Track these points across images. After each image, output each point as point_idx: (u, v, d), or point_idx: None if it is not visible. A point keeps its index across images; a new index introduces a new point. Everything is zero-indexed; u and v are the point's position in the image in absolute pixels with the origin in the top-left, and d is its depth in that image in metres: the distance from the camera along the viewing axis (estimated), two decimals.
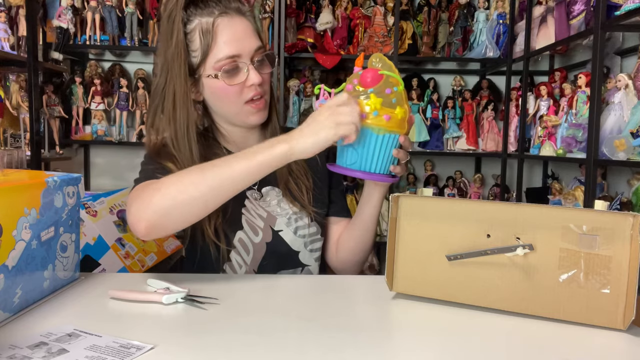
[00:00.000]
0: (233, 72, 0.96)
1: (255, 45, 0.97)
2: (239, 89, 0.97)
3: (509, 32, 2.64)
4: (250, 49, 0.96)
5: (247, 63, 0.96)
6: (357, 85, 0.82)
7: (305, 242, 1.04)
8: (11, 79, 2.30)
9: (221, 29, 0.95)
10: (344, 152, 0.85)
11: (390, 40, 2.68)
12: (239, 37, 0.96)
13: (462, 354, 0.61)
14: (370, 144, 0.82)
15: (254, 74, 0.96)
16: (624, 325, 0.68)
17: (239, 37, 0.96)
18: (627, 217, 0.67)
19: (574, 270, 0.70)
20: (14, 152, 1.02)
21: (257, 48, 0.97)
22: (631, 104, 1.80)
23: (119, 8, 2.65)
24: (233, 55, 0.95)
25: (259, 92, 0.98)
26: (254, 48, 0.97)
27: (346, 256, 1.07)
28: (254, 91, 0.97)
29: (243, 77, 0.96)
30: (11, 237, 0.65)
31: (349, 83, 0.84)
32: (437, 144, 2.81)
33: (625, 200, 1.98)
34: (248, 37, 0.97)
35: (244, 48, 0.96)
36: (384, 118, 0.80)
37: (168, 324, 0.68)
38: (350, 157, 0.84)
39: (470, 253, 0.75)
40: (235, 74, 0.96)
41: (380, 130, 0.81)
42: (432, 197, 0.78)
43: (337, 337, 0.65)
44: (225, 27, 0.95)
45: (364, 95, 0.81)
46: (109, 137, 2.76)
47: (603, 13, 1.78)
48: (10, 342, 0.59)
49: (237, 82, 0.96)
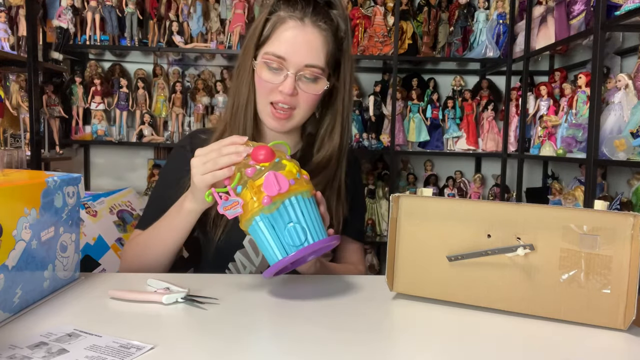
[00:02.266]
0: (273, 70, 0.96)
1: (307, 60, 0.95)
2: (271, 88, 0.97)
3: (509, 32, 2.64)
4: (300, 60, 0.95)
5: (290, 71, 0.95)
6: (257, 164, 0.77)
7: None
8: (11, 79, 2.30)
9: (286, 29, 0.95)
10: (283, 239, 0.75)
11: (390, 40, 2.68)
12: (295, 43, 0.95)
13: (463, 354, 0.61)
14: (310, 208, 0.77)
15: (289, 82, 0.95)
16: (625, 325, 0.67)
17: (295, 43, 0.95)
18: (627, 217, 0.67)
19: (574, 270, 0.70)
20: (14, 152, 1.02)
21: (308, 64, 0.95)
22: (631, 104, 1.80)
23: (119, 8, 2.66)
24: (279, 56, 0.95)
25: (286, 101, 0.97)
26: (304, 62, 0.95)
27: None
28: (280, 97, 0.97)
29: (278, 80, 0.96)
30: (11, 237, 0.65)
31: (244, 167, 0.78)
32: (437, 144, 2.82)
33: (625, 200, 1.98)
34: (305, 49, 0.95)
35: (292, 55, 0.95)
36: (304, 178, 0.79)
37: (168, 324, 0.68)
38: (295, 236, 0.75)
39: (471, 253, 0.75)
40: (274, 73, 0.96)
41: (306, 193, 0.77)
42: (432, 197, 0.78)
43: (338, 337, 0.65)
44: (290, 29, 0.95)
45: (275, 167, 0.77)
46: (109, 137, 2.76)
47: (603, 13, 1.78)
48: (10, 342, 0.59)
49: (271, 82, 0.96)
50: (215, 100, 2.79)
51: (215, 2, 2.72)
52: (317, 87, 0.98)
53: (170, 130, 2.80)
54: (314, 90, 0.98)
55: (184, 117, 2.80)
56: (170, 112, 2.78)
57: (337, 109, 1.04)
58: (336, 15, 0.99)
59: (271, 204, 0.73)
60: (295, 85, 0.96)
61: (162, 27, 2.72)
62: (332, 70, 1.01)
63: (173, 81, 2.82)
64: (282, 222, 0.74)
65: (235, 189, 0.77)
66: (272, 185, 0.73)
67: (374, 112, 2.79)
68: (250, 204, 0.75)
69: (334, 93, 1.04)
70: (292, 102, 0.98)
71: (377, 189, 2.89)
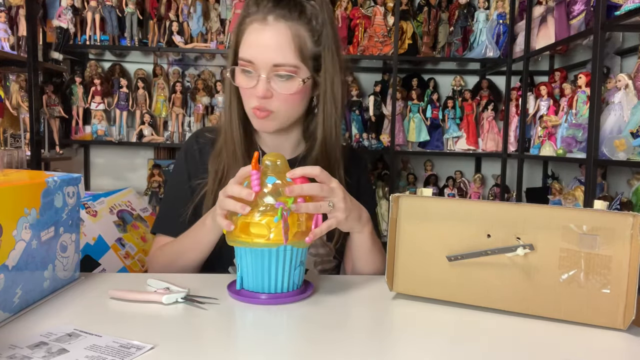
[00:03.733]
0: (247, 75, 0.95)
1: (274, 59, 0.92)
2: (249, 93, 0.96)
3: (509, 32, 2.64)
4: (266, 61, 0.92)
5: (261, 74, 0.93)
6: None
7: (315, 260, 1.04)
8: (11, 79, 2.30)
9: (250, 31, 0.94)
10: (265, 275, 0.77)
11: (390, 40, 2.68)
12: (259, 45, 0.93)
13: (463, 354, 0.61)
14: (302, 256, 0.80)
15: (261, 86, 0.93)
16: (624, 325, 0.68)
17: (259, 45, 0.93)
18: (627, 217, 0.67)
19: (574, 270, 0.70)
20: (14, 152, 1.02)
21: (276, 63, 0.92)
22: (631, 104, 1.80)
23: (119, 8, 2.65)
24: (248, 60, 0.94)
25: (261, 105, 0.95)
26: (271, 62, 0.92)
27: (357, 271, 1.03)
28: (256, 102, 0.95)
29: (252, 84, 0.94)
30: (11, 237, 0.65)
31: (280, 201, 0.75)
32: (437, 144, 2.81)
33: (625, 200, 1.98)
34: (270, 49, 0.92)
35: (258, 57, 0.93)
36: None
37: (168, 324, 0.68)
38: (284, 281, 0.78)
39: (471, 253, 0.75)
40: (248, 78, 0.95)
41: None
42: (432, 197, 0.78)
43: (337, 336, 0.65)
44: (254, 31, 0.93)
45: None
46: (109, 137, 2.76)
47: (603, 13, 1.78)
48: (10, 342, 0.59)
49: (247, 86, 0.95)
50: (215, 100, 2.79)
51: (215, 2, 2.72)
52: (291, 86, 0.95)
53: (170, 130, 2.79)
54: (287, 89, 0.95)
55: (184, 117, 2.80)
56: (170, 112, 2.78)
57: (319, 105, 1.01)
58: (307, 5, 0.95)
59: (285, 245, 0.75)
60: (267, 88, 0.94)
61: (162, 27, 2.72)
62: (312, 64, 0.97)
63: (173, 81, 2.82)
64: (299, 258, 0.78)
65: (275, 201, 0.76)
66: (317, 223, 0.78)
67: (374, 112, 2.79)
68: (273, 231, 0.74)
69: (316, 88, 1.00)
70: (269, 105, 0.95)
71: (377, 189, 2.89)
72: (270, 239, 0.73)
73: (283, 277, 0.77)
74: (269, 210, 0.74)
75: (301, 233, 0.76)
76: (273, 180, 0.76)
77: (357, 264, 0.99)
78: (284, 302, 0.77)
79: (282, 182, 0.76)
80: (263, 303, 0.76)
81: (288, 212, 0.74)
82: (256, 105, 0.95)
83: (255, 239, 0.74)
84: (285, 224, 0.73)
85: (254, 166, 0.76)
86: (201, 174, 1.04)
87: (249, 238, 0.75)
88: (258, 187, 0.75)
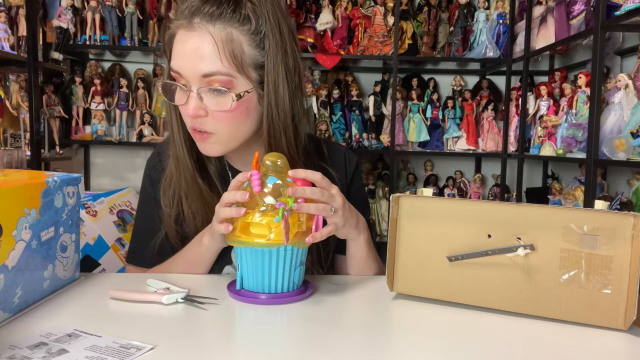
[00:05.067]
0: (181, 90, 0.82)
1: (201, 69, 0.78)
2: (184, 109, 0.83)
3: (509, 32, 2.64)
4: (193, 71, 0.79)
5: (192, 89, 0.80)
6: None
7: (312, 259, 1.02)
8: (11, 79, 2.30)
9: (177, 40, 0.81)
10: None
11: (390, 40, 2.68)
12: (184, 53, 0.79)
13: (463, 354, 0.61)
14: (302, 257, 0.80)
15: (191, 102, 0.80)
16: (625, 326, 0.67)
17: (184, 53, 0.79)
18: (628, 217, 0.67)
19: (575, 270, 0.70)
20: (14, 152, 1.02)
21: (205, 73, 0.78)
22: (631, 104, 1.80)
23: (119, 8, 2.66)
24: (175, 71, 0.81)
25: (195, 126, 0.83)
26: (199, 72, 0.78)
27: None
28: (190, 122, 0.83)
29: (183, 101, 0.82)
30: (11, 237, 0.65)
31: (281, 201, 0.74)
32: (437, 144, 2.82)
33: (625, 200, 1.98)
34: (194, 58, 0.78)
35: (185, 67, 0.79)
36: None
37: (168, 324, 0.68)
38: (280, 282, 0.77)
39: (471, 253, 0.75)
40: (181, 93, 0.83)
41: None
42: (432, 197, 0.78)
43: (337, 336, 0.65)
44: (180, 40, 0.81)
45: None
46: (109, 137, 2.76)
47: (603, 13, 1.78)
48: (10, 342, 0.59)
49: (180, 103, 0.83)
50: None
51: None
52: (224, 102, 0.80)
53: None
54: (219, 106, 0.80)
55: None
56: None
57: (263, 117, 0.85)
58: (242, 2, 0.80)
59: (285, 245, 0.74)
60: (199, 105, 0.80)
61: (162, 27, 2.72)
62: (257, 72, 0.83)
63: None
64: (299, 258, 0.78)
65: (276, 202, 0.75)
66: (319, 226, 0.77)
67: (374, 112, 2.79)
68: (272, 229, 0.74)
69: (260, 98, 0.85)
70: (204, 125, 0.82)
71: (377, 189, 2.89)
72: (271, 239, 0.73)
73: (283, 277, 0.77)
74: (270, 211, 0.74)
75: (302, 233, 0.76)
76: (274, 181, 0.76)
77: (351, 272, 0.95)
78: (284, 302, 0.76)
79: (282, 182, 0.76)
80: (263, 303, 0.76)
81: (289, 212, 0.74)
82: (190, 124, 0.84)
83: (256, 239, 0.74)
84: (286, 224, 0.73)
85: (255, 166, 0.76)
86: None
87: (249, 238, 0.75)
88: (259, 187, 0.75)
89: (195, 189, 0.92)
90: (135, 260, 1.01)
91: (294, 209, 0.74)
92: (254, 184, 0.75)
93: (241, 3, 0.81)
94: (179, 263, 0.92)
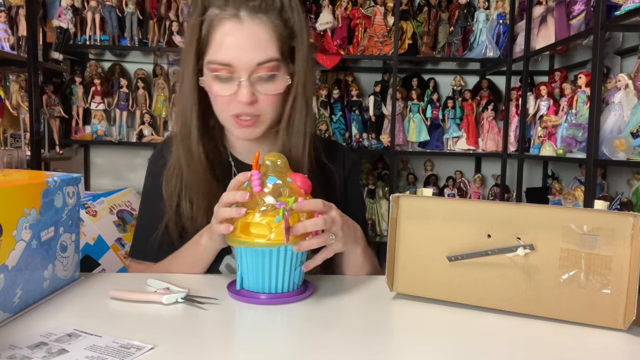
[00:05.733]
0: (224, 80, 0.86)
1: (257, 58, 0.84)
2: (228, 100, 0.87)
3: (509, 32, 2.64)
4: (248, 61, 0.84)
5: (242, 78, 0.85)
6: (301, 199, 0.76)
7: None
8: (11, 79, 2.30)
9: (224, 33, 0.84)
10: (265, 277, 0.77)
11: (390, 40, 2.68)
12: (238, 46, 0.84)
13: (463, 354, 0.61)
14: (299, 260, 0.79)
15: (245, 91, 0.85)
16: (625, 326, 0.67)
17: (238, 46, 0.84)
18: (627, 217, 0.67)
19: (574, 270, 0.70)
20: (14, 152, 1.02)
21: (260, 62, 0.84)
22: (631, 104, 1.80)
23: (119, 8, 2.66)
24: (225, 63, 0.85)
25: (247, 111, 0.87)
26: (254, 61, 0.84)
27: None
28: (240, 110, 0.87)
29: (232, 91, 0.86)
30: (11, 237, 0.65)
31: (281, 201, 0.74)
32: (437, 144, 2.82)
33: (625, 200, 1.98)
34: (251, 48, 0.84)
35: (239, 59, 0.84)
36: None
37: (168, 324, 0.68)
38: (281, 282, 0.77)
39: (471, 253, 0.75)
40: (225, 84, 0.87)
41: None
42: (432, 197, 0.78)
43: (337, 337, 0.65)
44: (229, 33, 0.84)
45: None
46: (109, 137, 2.76)
47: (603, 13, 1.78)
48: (10, 342, 0.59)
49: (225, 94, 0.87)
50: None
51: None
52: (277, 86, 0.88)
53: (170, 130, 2.80)
54: (273, 90, 0.88)
55: None
56: (171, 112, 2.78)
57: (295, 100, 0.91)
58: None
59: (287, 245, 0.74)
60: (252, 92, 0.86)
61: (162, 27, 2.72)
62: (290, 57, 0.90)
63: (173, 81, 2.82)
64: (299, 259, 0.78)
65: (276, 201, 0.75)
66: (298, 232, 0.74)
67: (374, 112, 2.79)
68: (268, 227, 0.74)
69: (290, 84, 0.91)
70: (255, 110, 0.88)
71: (377, 189, 2.89)
72: (271, 239, 0.73)
73: (283, 277, 0.77)
74: (270, 210, 0.74)
75: (302, 234, 0.76)
76: (274, 180, 0.76)
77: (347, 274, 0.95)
78: (284, 302, 0.76)
79: (282, 182, 0.76)
80: (263, 303, 0.76)
81: (289, 212, 0.74)
82: (238, 112, 0.88)
83: (256, 239, 0.74)
84: (286, 223, 0.73)
85: (255, 166, 0.76)
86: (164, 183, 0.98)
87: (249, 238, 0.75)
88: (259, 187, 0.75)
89: (204, 182, 0.93)
90: (139, 254, 1.01)
91: (295, 208, 0.75)
92: (254, 184, 0.75)
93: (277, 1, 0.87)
94: (178, 263, 0.92)
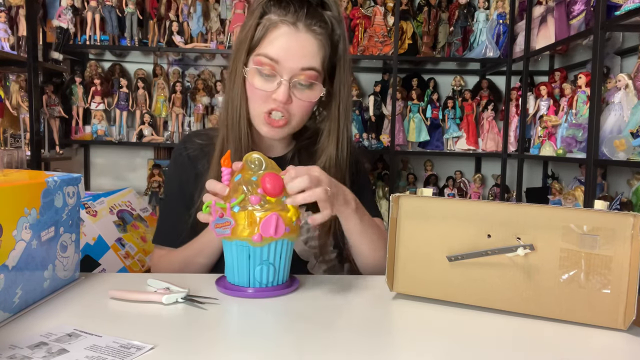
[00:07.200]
0: (265, 77, 0.92)
1: (301, 63, 0.91)
2: (265, 95, 0.93)
3: (509, 32, 2.64)
4: (294, 63, 0.91)
5: (284, 77, 0.91)
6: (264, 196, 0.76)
7: (316, 253, 1.04)
8: (11, 79, 2.31)
9: (279, 34, 0.91)
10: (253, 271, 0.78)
11: (390, 40, 2.68)
12: (289, 48, 0.91)
13: (463, 354, 0.61)
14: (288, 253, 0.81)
15: (283, 89, 0.91)
16: (625, 326, 0.67)
17: (289, 48, 0.91)
18: (627, 217, 0.67)
19: (574, 270, 0.70)
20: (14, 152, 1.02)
21: (303, 67, 0.91)
22: (631, 104, 1.81)
23: (119, 8, 2.66)
24: (272, 58, 0.91)
25: (281, 109, 0.93)
26: (299, 65, 0.91)
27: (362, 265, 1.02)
28: (274, 105, 0.93)
29: (272, 88, 0.92)
30: (11, 237, 0.65)
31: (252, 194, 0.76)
32: (437, 144, 2.82)
33: (625, 200, 1.98)
34: (299, 53, 0.91)
35: (286, 58, 0.90)
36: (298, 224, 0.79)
37: (168, 324, 0.68)
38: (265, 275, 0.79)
39: (471, 253, 0.75)
40: (266, 80, 0.93)
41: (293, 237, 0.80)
42: (432, 197, 0.78)
43: (337, 337, 0.65)
44: (284, 35, 0.91)
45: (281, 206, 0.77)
46: (109, 137, 2.76)
47: (603, 13, 1.78)
48: (10, 342, 0.59)
49: (264, 89, 0.93)
50: (215, 100, 2.79)
51: (215, 2, 2.72)
52: (313, 94, 0.95)
53: (170, 130, 2.80)
54: (308, 97, 0.94)
55: (184, 117, 2.81)
56: (170, 112, 2.78)
57: (333, 117, 0.99)
58: (330, 17, 0.95)
59: (260, 242, 0.75)
60: (289, 93, 0.92)
61: (162, 27, 2.72)
62: (327, 75, 0.98)
63: (173, 81, 2.82)
64: (259, 257, 0.78)
65: (232, 208, 0.76)
66: (270, 228, 0.75)
67: (374, 112, 2.79)
68: (239, 230, 0.76)
69: (329, 99, 0.99)
70: (287, 110, 0.94)
71: (377, 189, 2.89)
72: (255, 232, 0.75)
73: (268, 272, 0.79)
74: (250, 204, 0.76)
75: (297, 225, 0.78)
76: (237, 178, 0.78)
77: (358, 259, 0.99)
78: (271, 295, 0.78)
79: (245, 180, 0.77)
80: (250, 296, 0.78)
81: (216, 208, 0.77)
82: (271, 109, 0.94)
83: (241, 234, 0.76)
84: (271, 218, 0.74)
85: (227, 164, 0.79)
86: (193, 180, 1.02)
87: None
88: (227, 182, 0.78)
89: None
90: (163, 240, 1.05)
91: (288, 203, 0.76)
92: (224, 178, 0.78)
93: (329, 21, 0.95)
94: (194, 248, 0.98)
